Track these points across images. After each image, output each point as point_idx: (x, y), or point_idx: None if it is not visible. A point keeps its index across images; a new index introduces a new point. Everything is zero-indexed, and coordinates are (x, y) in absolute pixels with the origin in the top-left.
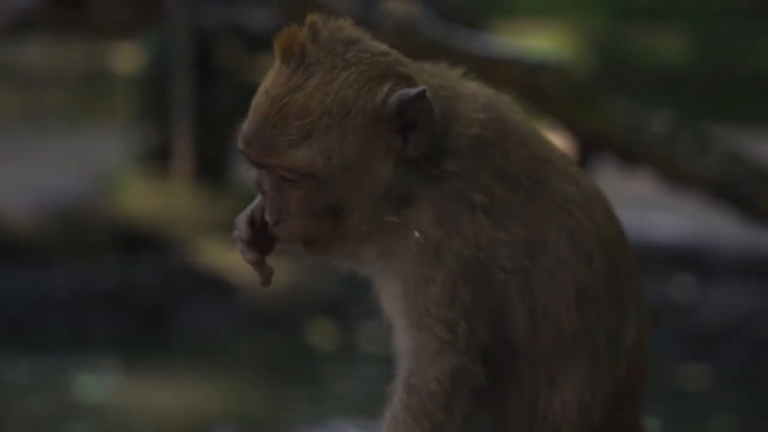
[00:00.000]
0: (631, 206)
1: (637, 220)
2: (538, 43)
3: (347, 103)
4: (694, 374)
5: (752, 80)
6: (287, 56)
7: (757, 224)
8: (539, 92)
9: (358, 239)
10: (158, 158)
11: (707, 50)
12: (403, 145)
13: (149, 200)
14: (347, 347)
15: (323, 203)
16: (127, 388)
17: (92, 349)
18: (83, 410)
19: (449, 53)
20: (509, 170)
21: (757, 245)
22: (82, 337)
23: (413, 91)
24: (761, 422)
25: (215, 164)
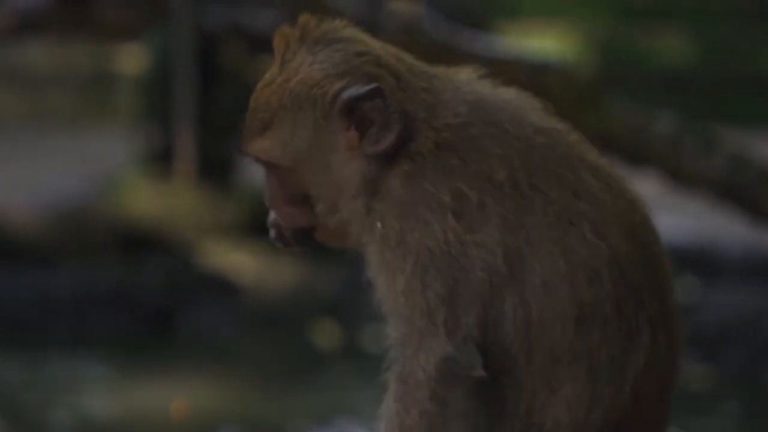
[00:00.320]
0: None
1: None
2: (541, 43)
3: (301, 98)
4: (698, 375)
5: (755, 81)
6: (276, 53)
7: (762, 225)
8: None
9: (337, 228)
10: (162, 159)
11: (710, 51)
12: (360, 141)
13: (153, 201)
14: (350, 347)
15: (293, 192)
16: (130, 389)
17: (95, 350)
18: (86, 411)
19: (453, 54)
20: (495, 177)
21: (761, 246)
22: (84, 338)
23: (364, 88)
24: (765, 423)
25: (218, 165)
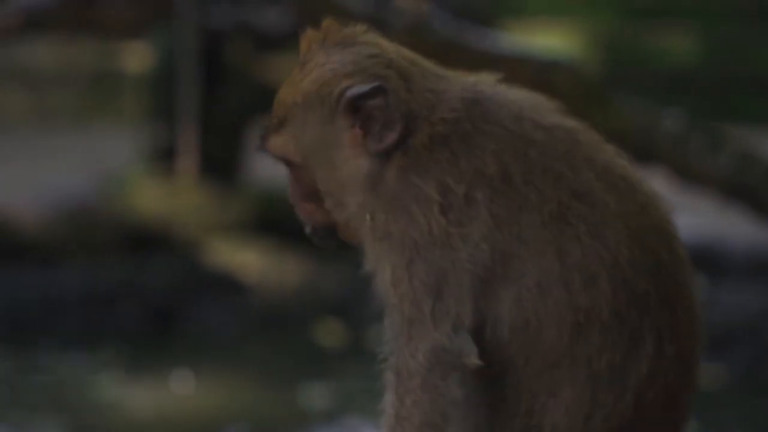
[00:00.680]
0: None
1: None
2: (545, 42)
3: (311, 96)
4: (704, 374)
5: (758, 80)
6: (300, 55)
7: None
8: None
9: (346, 225)
10: (167, 158)
11: (714, 50)
12: (364, 139)
13: (158, 200)
14: (355, 346)
15: (307, 188)
16: (136, 387)
17: (100, 348)
18: (92, 409)
19: (461, 51)
20: (486, 172)
21: (766, 245)
22: (89, 336)
23: (366, 86)
24: None
25: (224, 164)
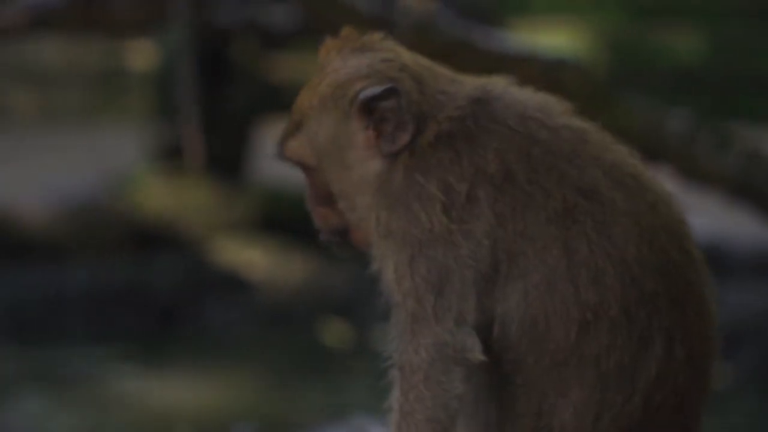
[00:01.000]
0: None
1: None
2: (552, 41)
3: (326, 98)
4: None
5: (764, 80)
6: (320, 61)
7: None
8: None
9: (358, 227)
10: (173, 156)
11: (720, 50)
12: (377, 140)
13: (164, 198)
14: (360, 346)
15: (322, 192)
16: (142, 384)
17: (107, 345)
18: (97, 406)
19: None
20: (488, 170)
21: None
22: (96, 334)
23: (380, 88)
24: None
25: (231, 163)
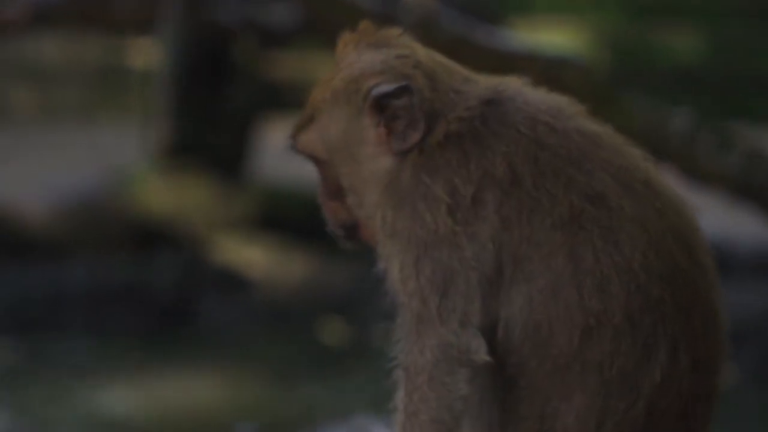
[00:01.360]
0: None
1: None
2: (552, 40)
3: (338, 93)
4: None
5: (765, 80)
6: (336, 56)
7: None
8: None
9: (367, 224)
10: (174, 154)
11: (720, 49)
12: (388, 138)
13: (165, 196)
14: (359, 345)
15: (332, 186)
16: (142, 381)
17: (107, 344)
18: (98, 404)
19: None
20: (496, 173)
21: None
22: (97, 332)
23: (393, 86)
24: None
25: (231, 161)
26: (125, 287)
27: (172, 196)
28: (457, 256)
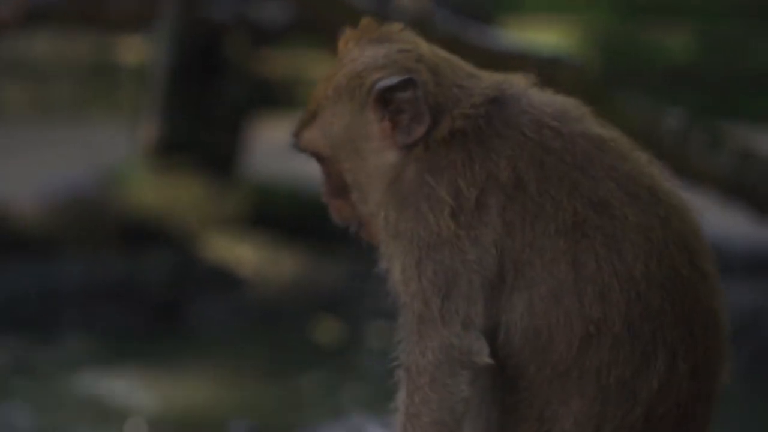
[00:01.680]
0: None
1: None
2: (544, 39)
3: (341, 88)
4: None
5: (757, 79)
6: (338, 52)
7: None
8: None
9: (370, 221)
10: (166, 151)
11: (712, 48)
12: (393, 132)
13: (156, 194)
14: (350, 342)
15: (336, 182)
16: (134, 379)
17: (98, 341)
18: (88, 401)
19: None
20: (500, 177)
21: (764, 243)
22: (87, 329)
23: (397, 79)
24: None
25: (223, 158)
26: (117, 285)
27: (163, 193)
28: (459, 258)
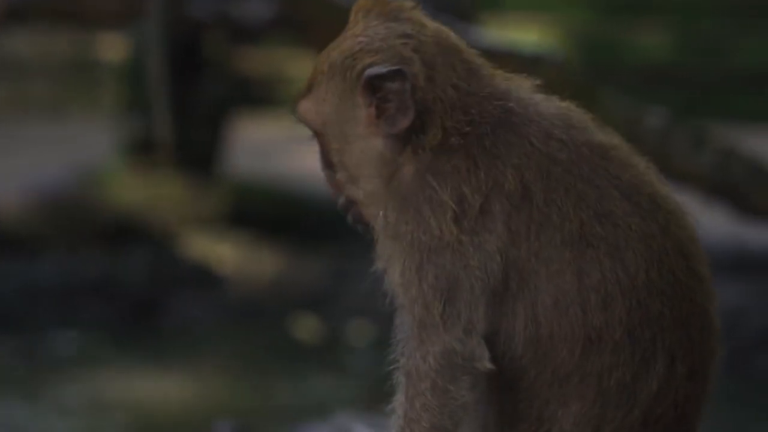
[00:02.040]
0: None
1: None
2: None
3: (336, 66)
4: None
5: (736, 77)
6: (349, 21)
7: (750, 221)
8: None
9: (362, 204)
10: (145, 149)
11: (692, 47)
12: (378, 119)
13: (137, 191)
14: (331, 341)
15: (325, 157)
16: (115, 377)
17: (78, 338)
18: (70, 400)
19: None
20: (506, 186)
21: (746, 242)
22: (68, 327)
23: (385, 68)
24: (753, 419)
25: (202, 156)
26: (98, 282)
27: (143, 191)
28: (461, 263)
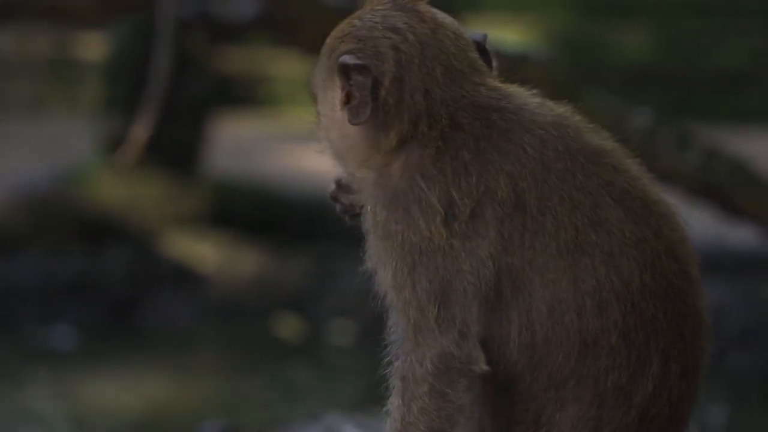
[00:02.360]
0: None
1: None
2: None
3: (328, 44)
4: None
5: (718, 78)
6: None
7: (733, 221)
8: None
9: (353, 176)
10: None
11: (674, 48)
12: (343, 105)
13: (116, 190)
14: (312, 340)
15: (320, 137)
16: (95, 377)
17: (58, 336)
18: (49, 399)
19: None
20: (498, 193)
21: (727, 242)
22: (47, 325)
23: (352, 61)
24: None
25: (183, 155)
26: (78, 282)
27: (123, 190)
28: (453, 267)
